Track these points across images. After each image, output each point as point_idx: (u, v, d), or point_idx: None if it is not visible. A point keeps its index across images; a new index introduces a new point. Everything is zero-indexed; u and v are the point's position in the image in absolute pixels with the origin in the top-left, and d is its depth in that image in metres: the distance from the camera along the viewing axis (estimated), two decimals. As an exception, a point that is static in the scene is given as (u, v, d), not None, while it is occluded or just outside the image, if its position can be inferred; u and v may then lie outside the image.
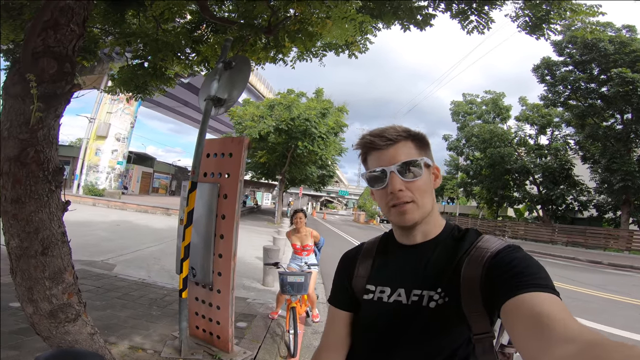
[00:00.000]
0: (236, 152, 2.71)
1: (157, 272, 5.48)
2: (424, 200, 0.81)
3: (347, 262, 0.96)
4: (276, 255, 5.49)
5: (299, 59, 3.98)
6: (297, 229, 4.05)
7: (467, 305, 0.72)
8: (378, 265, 0.89)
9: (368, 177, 0.84)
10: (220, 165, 2.78)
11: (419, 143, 0.83)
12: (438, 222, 0.85)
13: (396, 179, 0.79)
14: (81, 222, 9.51)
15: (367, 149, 0.85)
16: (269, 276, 5.57)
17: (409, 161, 0.80)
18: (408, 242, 0.85)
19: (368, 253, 0.92)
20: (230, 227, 2.65)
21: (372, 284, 0.86)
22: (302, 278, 3.27)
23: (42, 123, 1.60)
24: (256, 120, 17.51)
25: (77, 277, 1.74)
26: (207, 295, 2.74)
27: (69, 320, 1.63)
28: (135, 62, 3.73)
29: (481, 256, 0.74)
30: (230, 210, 2.67)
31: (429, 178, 0.83)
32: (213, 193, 2.71)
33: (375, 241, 0.95)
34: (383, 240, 0.93)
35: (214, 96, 2.63)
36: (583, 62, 17.76)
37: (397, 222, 0.82)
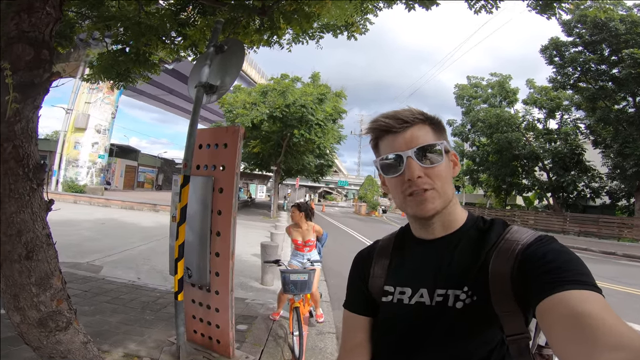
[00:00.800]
0: (231, 143, 2.68)
1: (147, 273, 5.46)
2: (445, 187, 0.79)
3: (361, 263, 0.94)
4: (275, 252, 5.49)
5: (295, 42, 3.90)
6: (297, 223, 4.04)
7: (497, 304, 0.70)
8: (396, 264, 0.87)
9: (381, 164, 0.82)
10: (214, 157, 2.75)
11: (435, 127, 0.82)
12: (460, 212, 0.84)
13: (414, 165, 0.77)
14: (62, 221, 9.44)
15: (379, 133, 0.83)
16: (267, 274, 5.57)
17: (428, 145, 0.78)
18: (427, 236, 0.83)
19: (384, 251, 0.91)
20: (227, 223, 2.63)
21: (391, 284, 0.85)
22: (306, 276, 3.27)
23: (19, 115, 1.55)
24: (248, 108, 17.35)
25: (65, 282, 1.71)
26: (205, 297, 2.73)
27: (59, 328, 1.61)
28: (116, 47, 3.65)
29: (511, 249, 0.72)
30: (226, 205, 2.64)
31: (449, 165, 0.82)
32: (207, 187, 2.69)
33: (391, 238, 0.94)
34: (399, 236, 0.92)
35: (206, 83, 2.58)
36: (593, 42, 17.70)
37: (415, 212, 0.80)
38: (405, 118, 0.80)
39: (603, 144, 19.50)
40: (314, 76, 19.48)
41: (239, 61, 2.62)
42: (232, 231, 2.62)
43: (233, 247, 2.64)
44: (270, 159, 21.58)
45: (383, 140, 0.82)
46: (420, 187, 0.77)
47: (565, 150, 20.83)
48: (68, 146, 19.63)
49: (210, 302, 2.71)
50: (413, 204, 0.79)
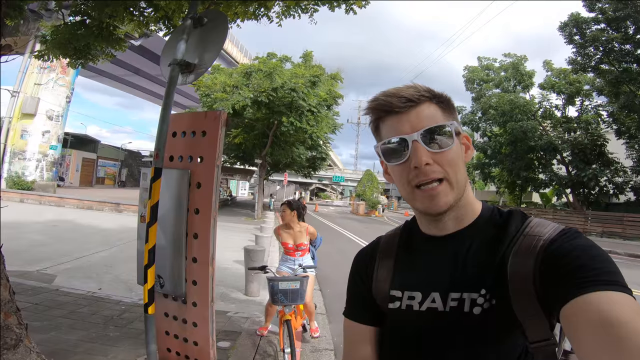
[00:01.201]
0: (211, 130, 2.63)
1: (110, 282, 5.43)
2: (458, 175, 0.79)
3: (362, 264, 0.94)
4: (261, 257, 5.49)
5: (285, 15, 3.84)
6: (288, 224, 4.04)
7: (519, 308, 0.71)
8: (402, 265, 0.88)
9: (383, 149, 0.82)
10: (191, 147, 2.71)
11: (444, 106, 0.81)
12: (473, 204, 0.84)
13: (421, 150, 0.77)
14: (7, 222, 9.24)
15: (380, 114, 0.83)
16: (252, 284, 5.58)
17: (436, 127, 0.78)
18: (437, 232, 0.84)
19: (387, 250, 0.91)
20: (206, 224, 2.59)
21: (398, 289, 0.85)
22: (297, 284, 3.26)
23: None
24: (229, 92, 17.19)
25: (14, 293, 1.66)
26: (180, 309, 2.69)
27: (8, 346, 1.55)
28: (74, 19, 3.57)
29: (532, 246, 0.73)
30: (205, 202, 2.60)
31: (460, 149, 0.82)
32: (183, 181, 2.65)
33: (395, 234, 0.94)
34: (405, 233, 0.92)
35: (181, 60, 2.53)
36: (617, 19, 17.82)
37: (426, 208, 0.80)
38: (409, 96, 0.79)
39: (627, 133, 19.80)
40: (306, 56, 19.39)
41: (221, 36, 2.58)
42: (212, 233, 2.58)
43: (213, 251, 2.60)
44: (254, 151, 21.52)
45: (384, 122, 0.82)
46: (429, 176, 0.77)
47: (585, 140, 21.07)
48: (14, 135, 19.06)
49: (187, 315, 2.67)
50: (423, 199, 0.79)
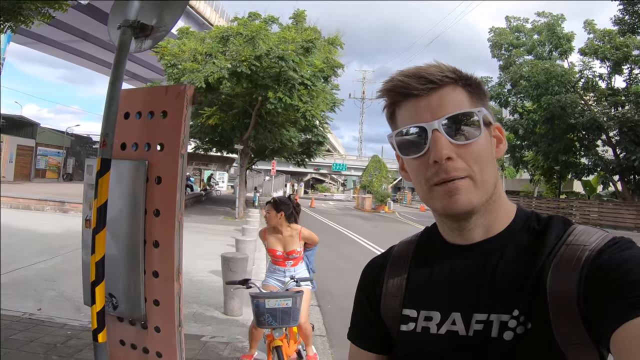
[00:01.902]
0: (174, 110, 2.59)
1: (52, 301, 5.37)
2: (485, 174, 0.81)
3: (369, 278, 0.98)
4: (242, 267, 5.48)
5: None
6: (276, 227, 4.04)
7: (560, 333, 0.72)
8: (418, 279, 0.90)
9: (398, 140, 0.84)
10: (149, 132, 2.67)
11: (473, 90, 0.84)
12: (506, 208, 0.87)
13: (442, 141, 0.78)
14: None
15: (396, 97, 0.85)
16: (233, 300, 5.57)
17: (461, 114, 0.80)
18: (462, 240, 0.86)
19: (400, 261, 0.95)
20: (170, 229, 2.55)
21: (412, 307, 0.88)
22: (289, 301, 3.25)
23: None
24: (201, 61, 17.05)
25: None
26: (140, 336, 2.66)
27: None
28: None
29: (575, 258, 0.74)
30: (167, 201, 2.56)
31: (489, 142, 0.84)
32: (138, 176, 2.60)
33: (410, 242, 0.97)
34: (422, 241, 0.95)
35: (135, 21, 2.50)
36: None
37: (445, 208, 0.81)
38: (431, 77, 0.81)
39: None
40: (297, 16, 19.26)
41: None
42: (177, 239, 2.54)
43: (179, 262, 2.56)
44: (233, 134, 21.48)
45: (401, 108, 0.85)
46: (449, 173, 0.79)
47: (636, 117, 21.13)
48: None
49: (148, 343, 2.63)
50: (442, 197, 0.80)
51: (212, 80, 16.35)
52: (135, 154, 2.68)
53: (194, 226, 14.62)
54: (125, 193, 2.62)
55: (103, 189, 2.37)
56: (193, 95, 2.64)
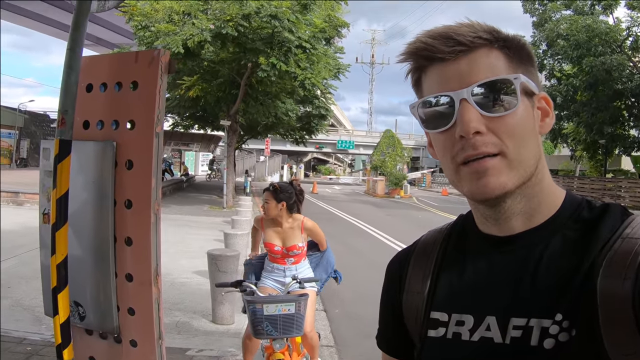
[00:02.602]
0: (146, 80, 2.58)
1: (7, 312, 5.40)
2: (523, 151, 0.81)
3: (392, 274, 1.03)
4: (233, 265, 5.52)
5: None
6: (275, 219, 4.06)
7: (611, 342, 0.72)
8: (448, 276, 0.93)
9: (422, 111, 0.86)
10: (116, 107, 2.67)
11: (513, 53, 0.84)
12: (551, 193, 0.87)
13: (471, 113, 0.79)
14: None
15: (421, 62, 0.86)
16: (223, 306, 5.60)
17: (495, 81, 0.80)
18: (499, 231, 0.87)
19: (426, 253, 0.98)
20: (145, 222, 2.56)
21: (442, 309, 0.90)
22: (291, 307, 3.27)
23: None
24: (178, 22, 16.90)
25: None
26: (112, 351, 2.68)
27: None
28: None
29: (632, 254, 0.74)
30: (141, 190, 2.57)
31: (530, 114, 0.84)
32: (105, 160, 2.60)
33: (441, 231, 1.00)
34: (456, 230, 0.98)
35: None
36: None
37: (472, 192, 0.83)
38: (460, 38, 0.81)
39: None
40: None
41: None
42: (154, 235, 2.55)
43: (157, 262, 2.58)
44: (218, 108, 21.48)
45: (427, 73, 0.86)
46: (478, 149, 0.79)
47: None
48: None
49: (123, 359, 2.65)
50: (467, 178, 0.81)
51: (191, 45, 16.17)
52: (100, 133, 2.68)
53: (175, 218, 14.71)
54: (90, 181, 2.62)
55: (63, 177, 2.37)
56: (169, 62, 2.64)
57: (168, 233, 11.04)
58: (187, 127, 27.87)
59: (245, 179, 29.85)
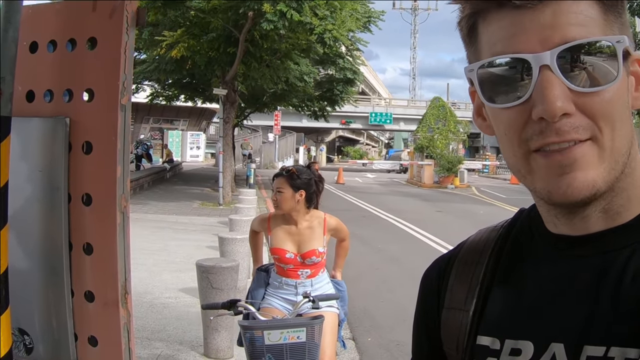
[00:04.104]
0: (107, 36, 2.61)
1: None
2: (618, 137, 0.80)
3: (430, 285, 1.06)
4: (231, 280, 5.56)
5: None
6: (289, 214, 4.07)
7: None
8: (500, 291, 0.94)
9: (481, 75, 0.85)
10: (69, 72, 2.70)
11: (607, 3, 0.81)
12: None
13: (556, 86, 0.76)
14: None
15: (481, 5, 0.85)
16: (218, 334, 5.65)
17: (592, 43, 0.78)
18: (571, 230, 0.87)
19: (473, 260, 0.99)
20: (109, 224, 2.58)
21: (491, 333, 0.91)
22: (301, 333, 3.30)
23: None
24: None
25: None
26: None
27: None
28: None
29: None
30: (103, 180, 2.60)
31: (625, 85, 0.82)
32: (55, 141, 2.63)
33: (495, 229, 1.02)
34: (513, 231, 0.98)
35: None
36: None
37: (550, 192, 0.81)
38: None
39: None
40: None
41: None
42: (121, 240, 2.57)
43: (126, 276, 2.60)
44: (211, 73, 21.58)
45: (490, 23, 0.84)
46: (565, 135, 0.78)
47: None
48: None
49: (84, 403, 2.70)
50: (544, 171, 0.81)
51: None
52: (49, 107, 2.70)
53: (155, 219, 14.88)
54: (36, 170, 2.64)
55: (1, 165, 2.38)
56: (137, 11, 2.65)
57: (145, 238, 11.22)
58: (171, 98, 28.04)
59: (247, 165, 29.98)
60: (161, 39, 19.63)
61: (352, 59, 25.03)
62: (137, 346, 4.10)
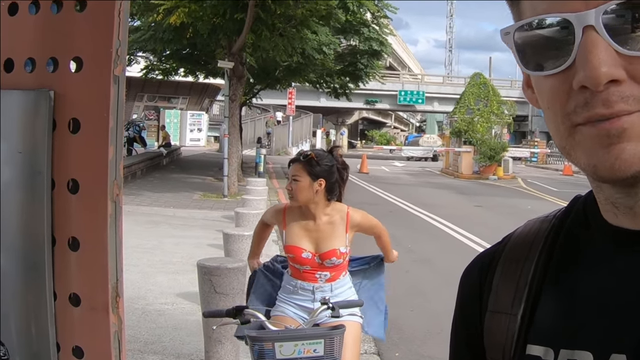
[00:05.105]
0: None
1: None
2: None
3: (471, 285, 1.09)
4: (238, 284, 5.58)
5: None
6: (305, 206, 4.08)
7: None
8: (554, 292, 0.95)
9: (520, 39, 0.86)
10: (54, 38, 2.63)
11: None
12: None
13: (602, 49, 0.76)
14: None
15: None
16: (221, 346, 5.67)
17: None
18: (633, 222, 0.87)
19: (522, 256, 1.01)
20: (99, 214, 2.49)
21: (543, 342, 0.92)
22: (319, 345, 3.33)
23: None
24: None
25: None
26: None
27: None
28: None
29: None
30: (93, 164, 2.50)
31: None
32: (37, 118, 2.56)
33: (546, 220, 1.04)
34: (568, 222, 1.00)
35: None
36: None
37: (594, 166, 0.82)
38: None
39: None
40: None
41: None
42: (112, 234, 2.50)
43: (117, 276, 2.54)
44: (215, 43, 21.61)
45: None
46: (613, 106, 0.77)
47: None
48: None
49: (69, 423, 2.69)
50: (588, 145, 0.81)
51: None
52: (30, 78, 2.66)
53: (149, 212, 15.01)
54: (14, 151, 2.61)
55: (-26, 145, 2.37)
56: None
57: (138, 235, 11.29)
58: (168, 72, 28.18)
59: (257, 151, 30.00)
60: (158, 2, 19.72)
61: (379, 28, 24.98)
62: (129, 358, 4.11)
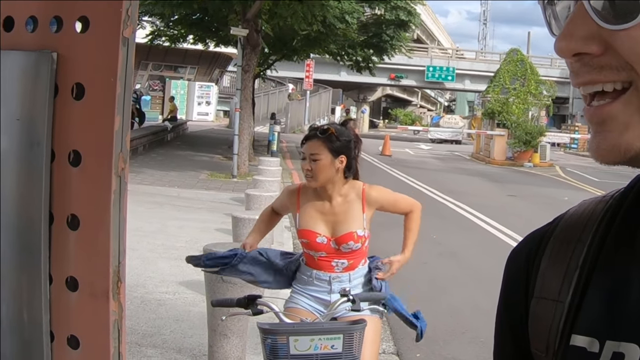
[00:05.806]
0: None
1: None
2: None
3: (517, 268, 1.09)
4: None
5: None
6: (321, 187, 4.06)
7: None
8: (604, 279, 0.93)
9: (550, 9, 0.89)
10: None
11: None
12: None
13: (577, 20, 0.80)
14: None
15: None
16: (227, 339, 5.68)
17: None
18: None
19: (573, 239, 1.00)
20: (103, 190, 2.49)
21: (589, 332, 0.91)
22: (337, 341, 3.32)
23: None
24: None
25: None
26: None
27: None
28: None
29: None
30: (97, 134, 2.51)
31: None
32: (38, 83, 2.56)
33: (603, 200, 1.03)
34: (626, 202, 0.99)
35: None
36: None
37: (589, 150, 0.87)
38: None
39: None
40: None
41: None
42: (116, 212, 2.49)
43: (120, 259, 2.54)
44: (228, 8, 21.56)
45: None
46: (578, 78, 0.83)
47: None
48: None
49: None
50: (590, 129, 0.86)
51: None
52: (31, 38, 2.66)
53: (151, 192, 15.08)
54: (12, 118, 2.61)
55: (-33, 111, 2.36)
56: None
57: (139, 216, 11.34)
58: (176, 39, 28.26)
59: (270, 128, 29.95)
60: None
61: (406, 0, 24.81)
62: (128, 349, 4.11)
